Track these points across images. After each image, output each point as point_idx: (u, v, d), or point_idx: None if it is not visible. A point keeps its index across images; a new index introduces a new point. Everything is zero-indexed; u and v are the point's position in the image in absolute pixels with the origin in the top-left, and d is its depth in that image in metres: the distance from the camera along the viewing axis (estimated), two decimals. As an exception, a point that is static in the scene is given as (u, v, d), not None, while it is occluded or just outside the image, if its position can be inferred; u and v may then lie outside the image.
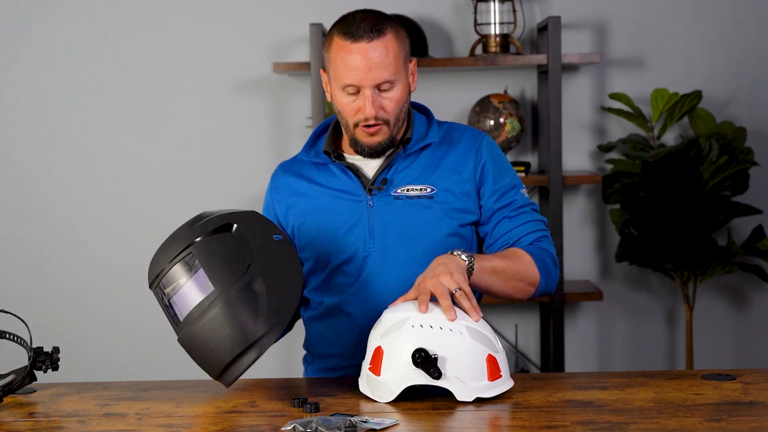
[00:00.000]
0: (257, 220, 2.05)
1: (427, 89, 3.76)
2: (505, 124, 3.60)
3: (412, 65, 2.25)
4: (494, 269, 2.12)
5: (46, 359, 2.00)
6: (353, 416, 1.80)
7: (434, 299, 1.99)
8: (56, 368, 2.01)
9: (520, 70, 3.76)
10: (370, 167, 2.28)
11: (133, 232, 3.83)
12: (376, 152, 2.23)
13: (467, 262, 2.06)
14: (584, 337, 3.82)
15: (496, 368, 1.93)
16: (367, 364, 1.97)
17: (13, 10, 3.79)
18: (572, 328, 3.80)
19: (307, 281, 2.30)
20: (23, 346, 2.01)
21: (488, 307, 3.75)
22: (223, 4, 3.78)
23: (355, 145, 2.24)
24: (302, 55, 3.74)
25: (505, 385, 1.94)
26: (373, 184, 2.24)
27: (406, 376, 1.89)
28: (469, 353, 1.90)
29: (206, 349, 1.95)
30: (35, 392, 2.07)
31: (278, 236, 2.03)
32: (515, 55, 3.60)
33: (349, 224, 2.22)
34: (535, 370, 3.79)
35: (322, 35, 3.54)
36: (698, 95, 3.57)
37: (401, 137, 2.27)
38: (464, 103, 3.74)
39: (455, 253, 2.07)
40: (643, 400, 1.90)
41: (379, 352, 1.94)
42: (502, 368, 1.94)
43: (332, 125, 2.34)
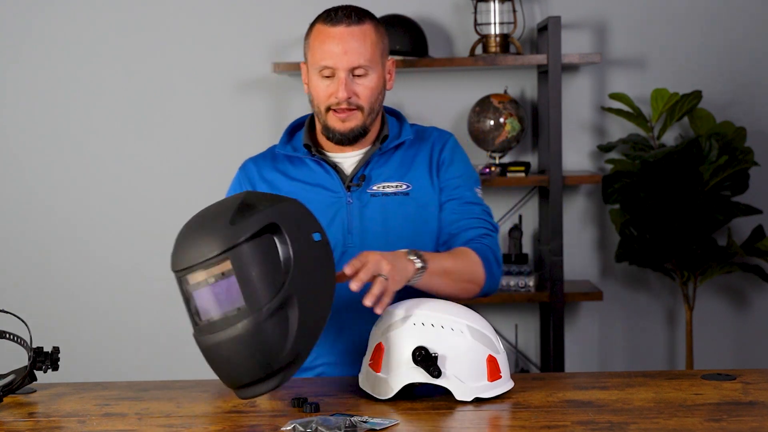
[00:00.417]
0: (299, 215, 1.87)
1: (427, 89, 3.77)
2: (505, 124, 3.60)
3: (389, 63, 2.29)
4: (445, 271, 2.12)
5: (46, 359, 2.00)
6: (353, 416, 1.80)
7: (432, 299, 1.99)
8: (56, 368, 2.01)
9: (520, 70, 3.76)
10: (348, 164, 2.30)
11: (133, 232, 3.83)
12: (347, 139, 2.25)
13: (418, 266, 2.04)
14: (584, 337, 3.82)
15: (496, 369, 1.93)
16: (367, 360, 1.97)
17: (13, 10, 3.79)
18: (572, 328, 3.80)
19: None
20: (23, 346, 2.01)
21: (488, 307, 3.75)
22: (223, 4, 3.78)
23: (327, 132, 2.26)
24: (302, 55, 3.72)
25: (504, 386, 1.94)
26: (351, 180, 2.26)
27: (406, 373, 1.90)
28: (469, 353, 1.90)
29: (226, 363, 1.82)
30: (35, 392, 2.07)
31: (317, 235, 1.88)
32: (515, 55, 3.60)
33: (326, 220, 2.23)
34: (535, 370, 3.79)
35: (322, 35, 3.54)
36: (698, 95, 3.57)
37: (377, 135, 2.30)
38: (464, 103, 3.74)
39: (410, 257, 2.04)
40: (643, 400, 1.90)
41: (380, 348, 1.94)
42: (502, 369, 1.94)
43: (308, 121, 2.36)
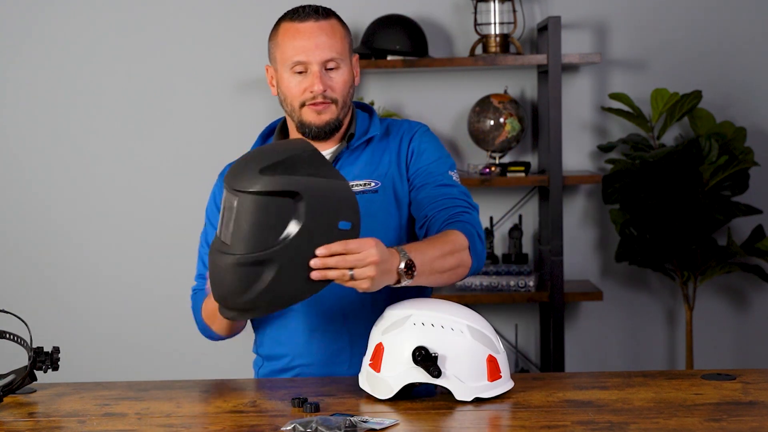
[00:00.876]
0: (335, 198, 1.88)
1: (427, 89, 3.77)
2: (505, 124, 3.60)
3: (355, 60, 2.30)
4: (433, 269, 2.04)
5: (46, 359, 2.00)
6: (353, 416, 1.80)
7: (432, 299, 1.99)
8: (56, 368, 2.01)
9: (520, 70, 3.76)
10: None
11: (133, 231, 3.83)
12: (324, 132, 2.24)
13: (404, 283, 1.98)
14: (584, 337, 3.82)
15: (496, 369, 1.93)
16: (367, 360, 1.97)
17: (13, 10, 3.79)
18: (572, 328, 3.80)
19: None
20: (23, 346, 2.01)
21: (488, 307, 3.75)
22: (223, 4, 3.78)
23: (302, 128, 2.25)
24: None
25: (504, 386, 1.94)
26: None
27: (405, 373, 1.90)
28: (469, 353, 1.90)
29: (211, 277, 1.95)
30: (35, 392, 2.07)
31: (346, 224, 1.88)
32: (515, 55, 3.60)
33: None
34: (535, 370, 3.79)
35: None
36: (698, 95, 3.57)
37: (345, 132, 2.29)
38: (464, 103, 3.74)
39: (401, 266, 1.97)
40: (643, 400, 1.90)
41: (379, 348, 1.94)
42: (502, 369, 1.94)
43: (279, 126, 2.36)
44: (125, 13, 3.79)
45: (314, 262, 1.86)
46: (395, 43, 3.56)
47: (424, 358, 1.87)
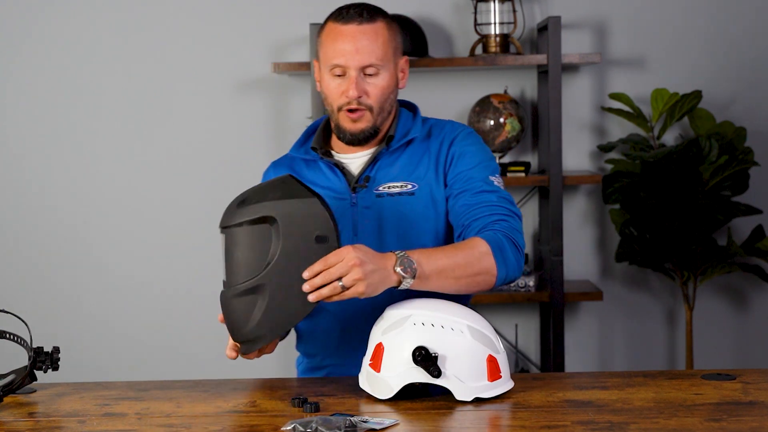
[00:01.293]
0: (308, 215, 1.95)
1: (427, 89, 3.77)
2: (505, 124, 3.60)
3: (402, 62, 2.27)
4: (440, 271, 2.01)
5: (46, 359, 2.00)
6: (353, 416, 1.80)
7: (432, 299, 1.99)
8: (56, 368, 2.01)
9: (520, 70, 3.76)
10: (355, 165, 2.28)
11: (132, 231, 3.83)
12: (357, 140, 2.23)
13: (405, 285, 1.97)
14: (584, 337, 3.82)
15: (496, 369, 1.93)
16: (367, 360, 1.97)
17: (13, 10, 3.80)
18: (572, 328, 3.80)
19: None
20: (23, 346, 2.01)
21: (488, 307, 3.76)
22: (223, 4, 3.78)
23: (338, 131, 2.24)
24: (302, 55, 3.74)
25: (504, 386, 1.94)
26: (357, 181, 2.25)
27: (405, 373, 1.89)
28: (469, 353, 1.90)
29: (222, 313, 2.03)
30: (35, 392, 2.07)
31: (322, 237, 1.95)
32: (515, 55, 3.60)
33: None
34: (535, 370, 3.79)
35: (322, 35, 3.54)
36: (698, 95, 3.57)
37: (386, 133, 2.28)
38: (464, 103, 3.74)
39: (397, 268, 1.96)
40: (643, 400, 1.90)
41: (379, 348, 1.94)
42: (502, 369, 1.94)
43: (323, 123, 2.35)
44: (125, 13, 3.79)
45: (305, 287, 1.92)
46: (395, 43, 3.56)
47: (424, 358, 1.87)
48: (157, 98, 3.81)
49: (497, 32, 3.62)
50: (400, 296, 2.03)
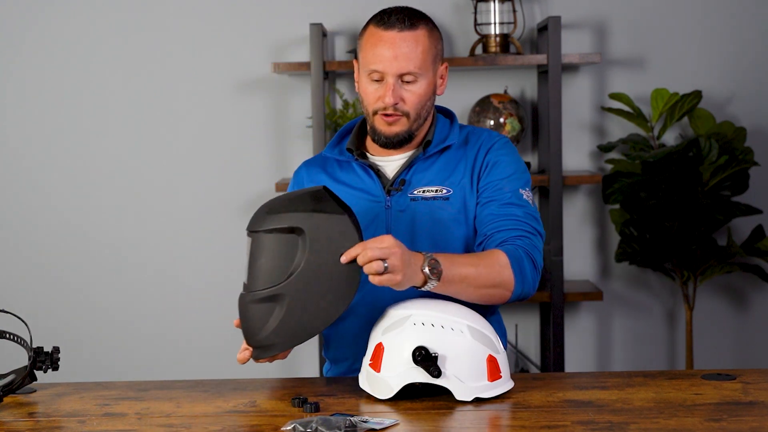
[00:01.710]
0: (338, 231, 1.96)
1: (427, 89, 3.76)
2: (505, 124, 3.60)
3: (442, 68, 2.26)
4: (463, 278, 2.03)
5: (46, 359, 2.00)
6: (353, 416, 1.80)
7: (432, 299, 1.99)
8: (56, 368, 2.01)
9: (520, 70, 3.76)
10: (390, 168, 2.28)
11: (132, 231, 3.83)
12: (392, 143, 2.23)
13: (430, 286, 1.98)
14: (584, 337, 3.82)
15: (496, 369, 1.93)
16: (367, 360, 1.97)
17: (13, 10, 3.80)
18: (572, 328, 3.80)
19: None
20: (23, 346, 2.01)
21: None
22: (223, 4, 3.78)
23: (373, 134, 2.24)
24: (302, 55, 3.74)
25: (504, 386, 1.94)
26: (392, 184, 2.25)
27: (405, 373, 1.90)
28: (469, 353, 1.90)
29: (239, 315, 2.06)
30: (35, 392, 2.07)
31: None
32: (515, 55, 3.60)
33: (366, 223, 2.20)
34: (535, 370, 3.79)
35: (322, 35, 3.54)
36: (698, 95, 3.57)
37: (423, 138, 2.28)
38: (464, 103, 3.74)
39: (425, 269, 1.97)
40: (643, 400, 1.90)
41: (379, 348, 1.94)
42: (502, 369, 1.94)
43: (358, 124, 2.35)
44: (125, 13, 3.79)
45: (342, 258, 1.92)
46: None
47: (424, 358, 1.87)
48: (157, 98, 3.80)
49: (497, 32, 3.62)
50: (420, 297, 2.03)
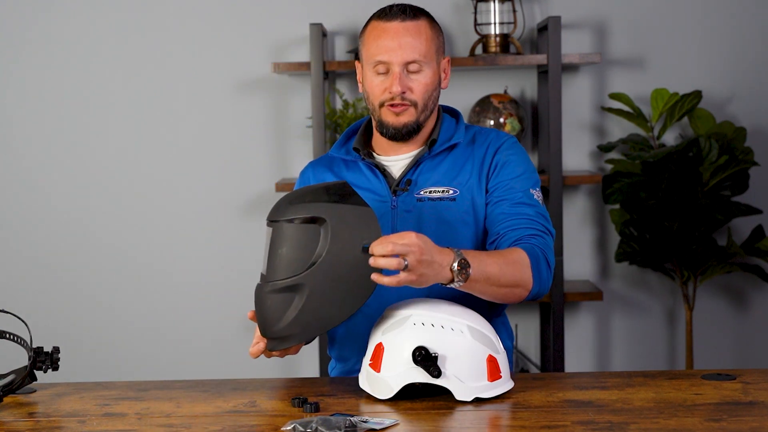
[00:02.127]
0: (359, 223, 1.95)
1: (427, 89, 3.76)
2: (505, 124, 3.60)
3: (445, 62, 2.27)
4: (488, 277, 2.02)
5: (46, 359, 2.00)
6: (353, 416, 1.80)
7: (432, 299, 1.99)
8: (56, 368, 2.02)
9: (520, 70, 3.77)
10: (396, 167, 2.28)
11: (132, 231, 3.83)
12: (400, 134, 2.22)
13: (457, 285, 1.97)
14: (584, 337, 3.82)
15: (496, 369, 1.93)
16: (367, 360, 1.97)
17: (13, 10, 3.80)
18: (572, 328, 3.80)
19: None
20: (23, 346, 2.01)
21: (488, 307, 3.75)
22: (223, 4, 3.78)
23: (381, 127, 2.24)
24: (302, 55, 3.74)
25: (504, 386, 1.94)
26: (398, 184, 2.25)
27: (405, 373, 1.90)
28: (469, 353, 1.90)
29: (255, 306, 2.04)
30: (35, 392, 2.07)
31: (368, 248, 1.93)
32: (515, 55, 3.60)
33: None
34: (535, 370, 3.79)
35: (322, 35, 3.54)
36: (698, 95, 3.57)
37: (428, 137, 2.28)
38: (464, 103, 3.73)
39: (454, 266, 1.95)
40: (643, 400, 1.90)
41: (379, 348, 1.94)
42: (502, 369, 1.94)
43: (364, 124, 2.35)
44: (125, 13, 3.79)
45: (374, 260, 1.87)
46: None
47: (424, 358, 1.87)
48: (157, 98, 3.80)
49: (497, 32, 3.62)
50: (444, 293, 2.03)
